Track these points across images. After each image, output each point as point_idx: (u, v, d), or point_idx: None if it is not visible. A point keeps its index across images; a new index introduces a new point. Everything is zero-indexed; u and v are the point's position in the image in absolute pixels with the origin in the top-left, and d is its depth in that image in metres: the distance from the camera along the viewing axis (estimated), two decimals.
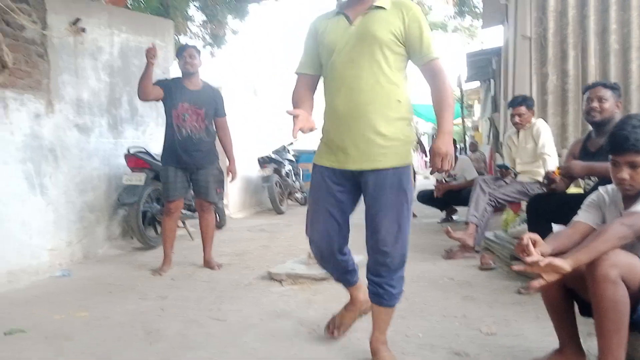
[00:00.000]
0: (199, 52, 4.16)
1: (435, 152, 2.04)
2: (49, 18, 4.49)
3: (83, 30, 4.78)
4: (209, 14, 10.21)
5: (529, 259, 1.83)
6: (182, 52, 4.11)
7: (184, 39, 10.39)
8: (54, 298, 3.46)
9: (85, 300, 3.38)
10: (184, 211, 5.19)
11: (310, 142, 9.57)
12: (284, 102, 8.62)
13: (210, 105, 4.13)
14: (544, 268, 1.80)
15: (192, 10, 10.47)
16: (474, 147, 10.68)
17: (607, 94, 3.15)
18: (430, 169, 2.13)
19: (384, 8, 2.08)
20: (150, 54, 3.88)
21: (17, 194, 4.07)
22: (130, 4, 8.23)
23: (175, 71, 6.05)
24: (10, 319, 2.98)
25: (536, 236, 1.93)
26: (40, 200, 4.30)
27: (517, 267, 1.90)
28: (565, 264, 1.78)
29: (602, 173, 2.85)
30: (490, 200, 4.24)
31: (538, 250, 1.88)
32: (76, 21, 4.72)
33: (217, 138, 4.32)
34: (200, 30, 10.95)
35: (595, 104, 3.14)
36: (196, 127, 4.06)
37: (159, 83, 4.10)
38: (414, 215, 8.82)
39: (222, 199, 6.37)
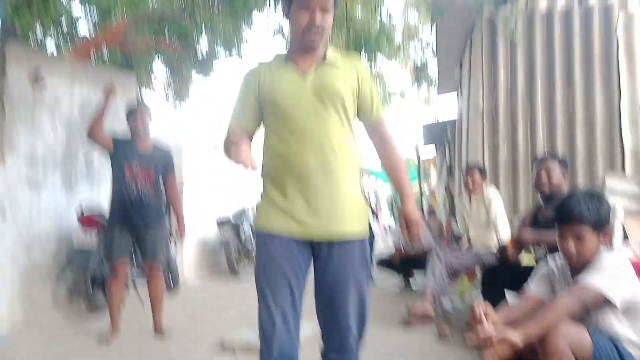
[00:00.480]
0: (149, 112, 4.15)
1: (411, 219, 1.95)
2: (8, 68, 4.42)
3: (42, 79, 4.71)
4: (173, 68, 10.31)
5: (481, 335, 1.86)
6: (133, 113, 4.05)
7: (146, 92, 10.41)
8: None
9: None
10: (134, 273, 5.01)
11: None
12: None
13: (159, 166, 4.09)
14: (497, 342, 1.83)
15: (156, 64, 10.57)
16: (432, 209, 10.90)
17: (555, 166, 3.32)
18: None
19: (336, 65, 1.99)
20: (108, 91, 3.88)
21: None
22: (94, 58, 8.24)
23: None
24: None
25: (488, 307, 1.97)
26: None
27: (470, 341, 1.92)
28: (517, 338, 1.81)
29: (550, 242, 2.95)
30: (447, 268, 4.29)
31: (490, 321, 1.92)
32: (37, 73, 4.67)
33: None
34: (164, 85, 11.01)
35: (544, 176, 3.31)
36: (146, 185, 4.00)
37: (113, 138, 4.04)
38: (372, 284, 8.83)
39: (175, 259, 6.19)
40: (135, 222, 3.95)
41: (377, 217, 10.74)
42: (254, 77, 2.03)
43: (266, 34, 10.87)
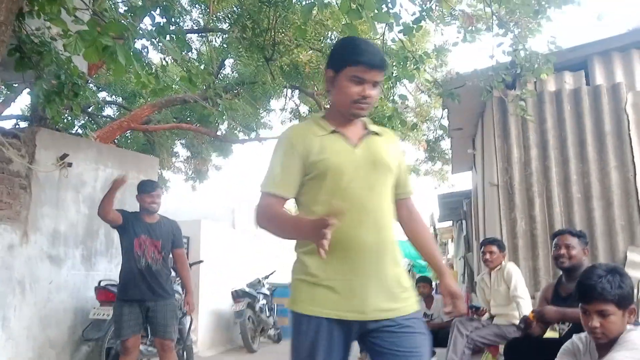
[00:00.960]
0: (161, 188, 4.35)
1: (454, 293, 1.89)
2: (37, 153, 4.66)
3: (69, 165, 4.94)
4: (194, 151, 10.70)
5: None
6: (150, 191, 4.16)
7: (167, 174, 10.75)
8: None
9: None
10: (149, 349, 4.95)
11: (286, 275, 9.50)
12: (260, 235, 8.61)
13: (168, 238, 4.15)
14: None
15: (178, 147, 10.99)
16: None
17: (574, 241, 3.30)
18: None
19: (379, 134, 1.93)
20: (118, 183, 4.04)
21: None
22: (117, 140, 8.62)
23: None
24: None
25: None
26: (0, 335, 4.08)
27: None
28: None
29: (574, 319, 2.88)
30: (469, 343, 4.18)
31: None
32: (64, 156, 4.89)
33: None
34: (184, 166, 11.38)
35: (563, 251, 3.28)
36: (154, 258, 4.04)
37: (120, 211, 4.14)
38: None
39: (190, 335, 6.10)
40: (144, 296, 3.96)
41: None
42: (300, 141, 1.86)
43: (282, 117, 11.18)
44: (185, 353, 5.80)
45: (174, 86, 8.40)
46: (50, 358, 4.53)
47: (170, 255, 4.22)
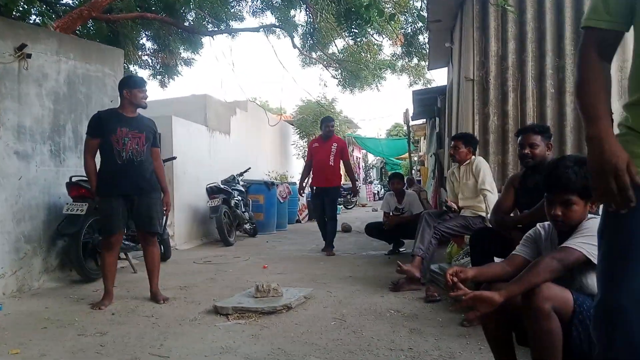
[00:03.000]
0: (145, 83, 4.17)
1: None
2: None
3: (29, 56, 4.66)
4: (161, 43, 10.16)
5: (452, 293, 1.94)
6: (142, 85, 4.04)
7: (133, 68, 10.26)
8: None
9: (19, 337, 3.19)
10: (126, 242, 5.04)
11: (259, 172, 9.58)
12: (232, 134, 8.62)
13: (150, 132, 4.07)
14: (471, 300, 1.89)
15: (143, 39, 10.40)
16: (411, 182, 11.01)
17: (538, 139, 3.37)
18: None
19: None
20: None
21: None
22: (79, 31, 8.09)
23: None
24: None
25: (457, 268, 2.05)
26: None
27: (452, 306, 2.00)
28: (495, 296, 1.87)
29: (535, 218, 2.93)
30: (435, 234, 4.36)
31: (463, 277, 2.01)
32: (22, 46, 4.60)
33: None
34: (151, 60, 10.85)
35: (527, 151, 3.37)
36: (137, 150, 3.97)
37: (93, 132, 3.99)
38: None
39: (167, 230, 6.22)
40: (128, 188, 3.94)
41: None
42: None
43: (253, 7, 10.59)
44: (162, 247, 5.96)
45: None
46: (26, 252, 4.58)
47: None
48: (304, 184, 7.49)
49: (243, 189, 8.71)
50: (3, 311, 3.86)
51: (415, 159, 19.16)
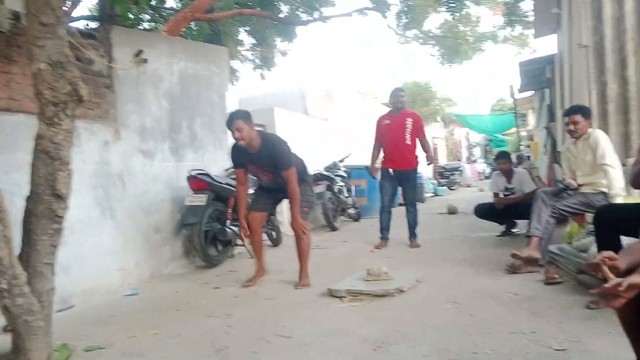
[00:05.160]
0: (246, 118, 4.04)
1: None
2: (114, 51, 4.78)
3: (145, 61, 5.05)
4: (258, 37, 10.52)
5: (608, 285, 1.77)
6: (228, 127, 4.07)
7: (235, 63, 10.74)
8: (126, 317, 3.64)
9: (155, 318, 3.53)
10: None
11: (361, 158, 9.64)
12: (333, 119, 8.70)
13: (271, 163, 4.12)
14: (625, 290, 1.75)
15: (242, 35, 10.84)
16: (521, 159, 10.44)
17: None
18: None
19: None
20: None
21: (89, 218, 4.32)
22: (183, 33, 8.61)
23: (230, 96, 6.30)
24: (88, 336, 3.15)
25: (610, 254, 1.88)
26: (110, 224, 4.54)
27: (596, 290, 1.83)
28: None
29: None
30: (553, 213, 4.13)
31: (614, 265, 1.84)
32: (139, 53, 5.00)
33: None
34: (251, 54, 11.29)
35: None
36: (270, 179, 4.27)
37: (235, 163, 4.34)
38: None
39: (277, 217, 6.49)
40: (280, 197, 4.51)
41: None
42: None
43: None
44: (274, 233, 6.28)
45: None
46: (156, 241, 5.04)
47: None
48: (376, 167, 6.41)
49: (345, 175, 8.83)
50: (140, 296, 4.28)
51: (523, 133, 18.16)
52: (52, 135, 2.78)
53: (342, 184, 8.50)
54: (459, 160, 24.80)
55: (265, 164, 4.16)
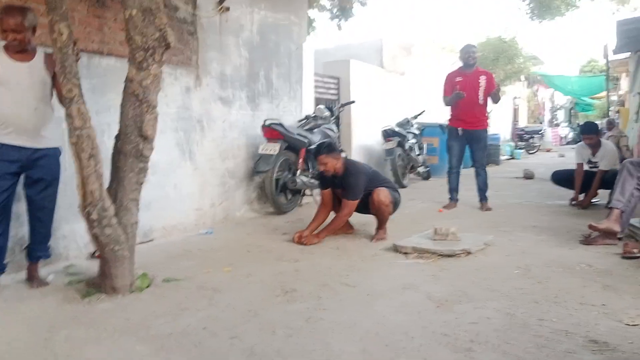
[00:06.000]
0: (329, 151, 4.20)
1: None
2: None
3: (227, 9, 5.12)
4: None
5: None
6: (315, 157, 4.31)
7: (313, 13, 10.63)
8: (201, 254, 3.87)
9: (228, 257, 3.74)
10: (311, 181, 5.48)
11: (436, 115, 9.42)
12: (410, 74, 8.50)
13: (347, 190, 4.21)
14: None
15: None
16: (611, 125, 9.72)
17: None
18: None
19: None
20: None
21: (171, 159, 4.56)
22: None
23: (307, 47, 6.30)
24: (166, 269, 3.40)
25: None
26: (189, 166, 4.78)
27: None
28: None
29: None
30: (639, 185, 3.90)
31: None
32: (222, 0, 5.07)
33: None
34: (329, 3, 11.11)
35: None
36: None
37: (323, 185, 4.39)
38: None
39: None
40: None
41: None
42: None
43: None
44: None
45: None
46: (230, 185, 5.26)
47: None
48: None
49: (417, 132, 8.68)
50: (214, 236, 4.53)
51: (613, 98, 16.91)
52: (141, 79, 2.93)
53: (413, 141, 8.38)
54: (541, 123, 23.60)
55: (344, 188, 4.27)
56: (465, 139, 5.82)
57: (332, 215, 4.37)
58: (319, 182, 4.50)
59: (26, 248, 3.17)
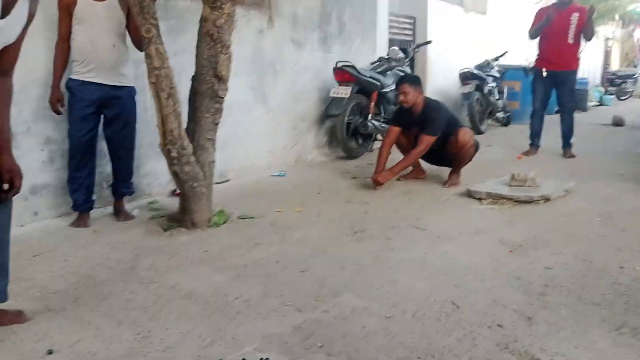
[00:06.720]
0: (412, 82, 4.13)
1: (10, 170, 1.75)
2: None
3: None
4: None
5: None
6: (397, 87, 4.23)
7: None
8: (274, 194, 3.98)
9: (299, 198, 3.81)
10: (383, 125, 5.39)
11: (519, 58, 8.87)
12: (493, 13, 7.98)
13: (426, 125, 4.10)
14: None
15: None
16: None
17: None
18: None
19: None
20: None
21: (245, 101, 4.64)
22: None
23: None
24: (241, 206, 3.53)
25: None
26: (262, 109, 4.84)
27: None
28: None
29: None
30: None
31: None
32: None
33: None
34: None
35: None
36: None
37: (396, 120, 4.32)
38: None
39: None
40: None
41: None
42: None
43: None
44: None
45: None
46: (302, 128, 5.30)
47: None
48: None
49: (498, 75, 8.23)
50: (285, 177, 4.62)
51: None
52: (215, 19, 2.96)
53: (493, 84, 7.96)
54: (635, 67, 21.62)
55: (422, 128, 4.13)
56: (551, 81, 5.47)
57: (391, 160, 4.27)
58: (393, 116, 4.43)
59: (111, 185, 3.39)
